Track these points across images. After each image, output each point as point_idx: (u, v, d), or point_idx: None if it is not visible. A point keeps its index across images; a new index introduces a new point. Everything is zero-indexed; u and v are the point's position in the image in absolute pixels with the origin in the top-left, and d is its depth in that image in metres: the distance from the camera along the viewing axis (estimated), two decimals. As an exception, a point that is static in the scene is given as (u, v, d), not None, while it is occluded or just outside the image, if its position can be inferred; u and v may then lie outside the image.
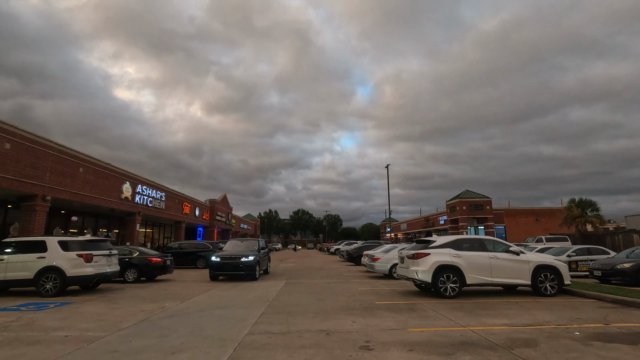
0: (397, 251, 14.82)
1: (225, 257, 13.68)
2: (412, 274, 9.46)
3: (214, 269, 13.63)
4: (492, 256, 9.46)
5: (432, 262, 9.24)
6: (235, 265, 13.43)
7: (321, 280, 13.95)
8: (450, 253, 9.41)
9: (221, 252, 14.33)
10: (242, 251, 14.35)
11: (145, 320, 6.72)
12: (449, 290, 9.15)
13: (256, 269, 13.65)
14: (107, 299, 9.52)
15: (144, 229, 32.79)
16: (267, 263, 16.60)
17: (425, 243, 9.92)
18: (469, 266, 9.28)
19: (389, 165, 38.57)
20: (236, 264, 13.45)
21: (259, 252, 14.63)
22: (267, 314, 7.32)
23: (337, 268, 20.86)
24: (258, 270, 13.97)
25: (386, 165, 38.42)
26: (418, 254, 9.49)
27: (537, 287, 9.40)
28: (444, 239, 9.89)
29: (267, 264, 16.59)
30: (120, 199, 23.00)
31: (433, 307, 7.92)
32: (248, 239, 16.51)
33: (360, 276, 15.78)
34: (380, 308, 7.83)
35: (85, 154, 19.75)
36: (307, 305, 8.28)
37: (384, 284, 12.74)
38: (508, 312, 7.26)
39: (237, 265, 13.43)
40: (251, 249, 14.66)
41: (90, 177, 19.94)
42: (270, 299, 9.26)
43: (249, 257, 13.61)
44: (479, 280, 9.26)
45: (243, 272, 13.37)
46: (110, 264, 11.05)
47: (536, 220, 52.46)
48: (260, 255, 14.49)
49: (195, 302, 8.83)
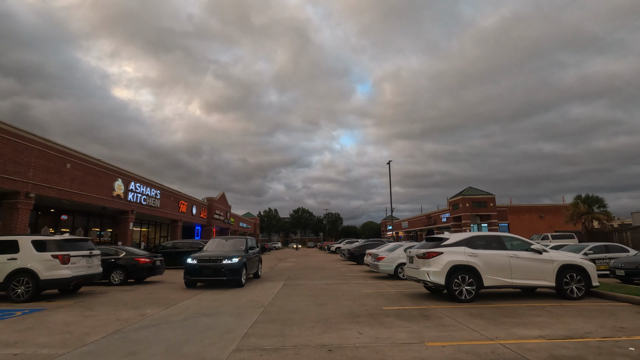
0: (402, 250, 13.90)
1: (203, 259, 11.23)
2: (423, 275, 8.51)
3: (190, 274, 11.22)
4: (512, 255, 8.51)
5: (445, 262, 8.30)
6: (216, 269, 11.02)
7: (321, 281, 13.01)
8: (466, 252, 8.47)
9: (199, 253, 11.88)
10: (225, 252, 11.99)
11: (117, 333, 5.77)
12: (464, 294, 8.20)
13: (242, 273, 11.31)
14: (84, 304, 8.57)
15: (139, 228, 31.87)
16: (257, 265, 14.25)
17: (437, 241, 8.96)
18: (486, 266, 8.33)
19: (391, 162, 37.60)
20: (217, 268, 11.03)
21: (247, 253, 12.28)
22: (260, 322, 6.38)
23: (338, 268, 19.93)
24: (245, 275, 11.63)
25: (388, 162, 37.51)
26: (429, 253, 8.54)
27: (562, 289, 8.45)
28: (458, 236, 8.93)
29: (257, 266, 14.25)
30: (111, 197, 22.03)
31: (449, 313, 6.97)
32: (234, 237, 13.82)
33: (363, 276, 14.84)
34: (389, 315, 6.88)
35: (73, 149, 18.78)
36: (306, 312, 7.34)
37: (390, 285, 11.80)
38: (537, 320, 6.31)
39: (217, 269, 11.02)
40: (237, 249, 12.33)
41: (78, 174, 18.97)
42: (265, 304, 8.31)
43: (232, 258, 11.20)
44: (497, 282, 8.31)
45: (225, 277, 10.99)
46: (91, 265, 10.10)
47: (540, 217, 51.57)
48: (248, 257, 12.17)
49: (181, 308, 7.89)
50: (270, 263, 24.92)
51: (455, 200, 49.49)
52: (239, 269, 11.19)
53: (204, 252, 12.26)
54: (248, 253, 12.41)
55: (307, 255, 40.34)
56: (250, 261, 12.52)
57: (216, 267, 11.06)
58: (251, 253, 12.96)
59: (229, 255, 11.33)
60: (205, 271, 11.12)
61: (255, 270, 13.78)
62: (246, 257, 11.94)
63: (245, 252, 12.21)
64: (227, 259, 11.14)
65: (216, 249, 12.54)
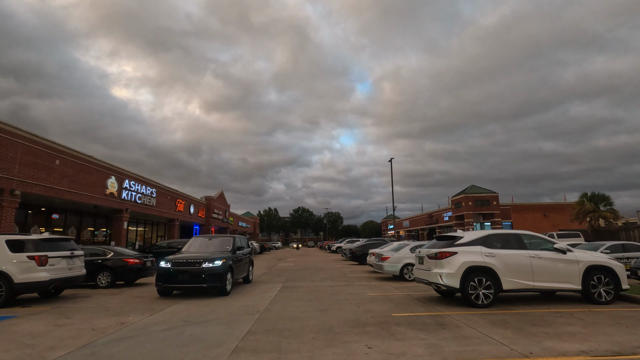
0: (408, 249, 13.13)
1: (179, 263, 9.39)
2: (435, 277, 7.71)
3: (162, 280, 9.34)
4: (534, 255, 7.71)
5: (460, 262, 7.50)
6: (194, 274, 9.16)
7: (323, 283, 12.22)
8: (482, 252, 7.67)
9: (175, 255, 10.14)
10: (208, 253, 10.28)
11: (87, 347, 4.98)
12: (481, 298, 7.41)
13: (226, 278, 9.50)
14: (61, 310, 7.77)
15: (135, 228, 31.08)
16: (248, 268, 12.29)
17: (450, 240, 8.16)
18: (505, 268, 7.53)
19: (392, 159, 36.78)
20: (195, 272, 9.18)
21: (234, 254, 10.57)
22: (253, 333, 5.58)
23: (340, 268, 19.14)
24: (230, 280, 9.84)
25: (389, 159, 36.72)
26: (442, 253, 7.74)
27: (589, 292, 7.65)
28: (473, 234, 8.13)
29: (248, 269, 12.29)
30: (104, 195, 21.24)
31: (467, 321, 6.18)
32: (220, 236, 11.92)
33: (367, 277, 14.05)
34: (400, 323, 6.08)
35: (62, 145, 17.98)
36: (306, 319, 6.55)
37: (396, 287, 11.01)
38: (572, 330, 5.51)
39: (196, 273, 9.16)
40: (222, 250, 10.63)
41: (68, 171, 18.18)
42: (260, 310, 7.51)
43: (215, 261, 9.36)
44: (518, 285, 7.51)
45: (205, 283, 9.12)
46: (73, 266, 9.31)
47: (544, 216, 50.81)
48: (235, 259, 10.49)
49: (167, 315, 7.09)
50: (269, 263, 24.13)
51: (458, 198, 48.68)
52: (222, 273, 9.36)
53: (182, 253, 10.55)
54: (235, 254, 10.72)
55: (307, 254, 39.56)
56: (238, 264, 10.81)
57: (194, 272, 9.20)
58: (240, 254, 11.20)
59: (210, 257, 9.50)
60: (181, 277, 9.24)
61: (245, 274, 11.91)
62: (232, 259, 10.24)
63: (231, 252, 10.54)
64: (207, 262, 9.30)
65: (198, 250, 10.90)
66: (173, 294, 10.01)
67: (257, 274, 16.05)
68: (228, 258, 9.92)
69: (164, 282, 9.36)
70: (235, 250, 10.92)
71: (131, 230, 29.81)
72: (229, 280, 9.71)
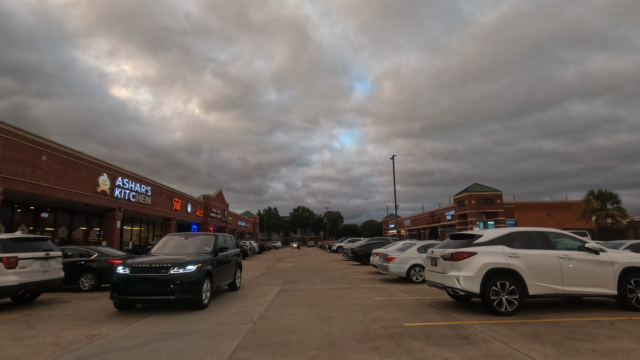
0: (415, 249, 12.26)
1: (140, 268, 7.31)
2: (451, 281, 6.83)
3: (119, 291, 7.17)
4: (563, 256, 6.82)
5: (480, 264, 6.62)
6: (160, 283, 7.09)
7: (324, 286, 11.34)
8: (505, 252, 6.79)
9: (138, 259, 7.99)
10: (180, 255, 8.18)
11: (38, 369, 4.10)
12: (504, 304, 6.53)
13: (202, 287, 7.44)
14: (29, 319, 6.88)
15: (130, 227, 30.23)
16: (234, 273, 10.25)
17: (467, 239, 7.27)
18: (531, 270, 6.65)
19: (395, 156, 35.90)
20: (161, 281, 7.10)
21: (214, 256, 8.65)
22: (243, 349, 4.70)
23: (342, 269, 18.26)
24: (208, 290, 7.90)
25: (392, 157, 35.81)
26: (459, 254, 6.85)
27: (626, 298, 6.77)
28: (493, 232, 7.24)
29: (234, 274, 10.26)
30: (95, 193, 20.36)
31: (494, 333, 5.30)
32: (199, 234, 9.97)
33: (371, 279, 13.17)
34: (416, 336, 5.20)
35: (49, 140, 17.08)
36: (306, 330, 5.67)
37: (403, 290, 10.14)
38: (623, 347, 4.62)
39: (161, 282, 7.09)
40: (200, 251, 8.67)
41: (56, 167, 17.30)
42: (254, 318, 6.63)
43: (187, 266, 7.35)
44: (545, 290, 6.63)
45: (173, 295, 7.04)
46: (48, 269, 8.43)
47: (548, 214, 49.92)
48: (215, 262, 8.54)
49: (147, 325, 6.21)
50: (268, 263, 23.26)
51: (461, 197, 47.79)
52: (196, 281, 7.32)
53: (148, 256, 8.42)
54: (217, 256, 8.79)
55: (308, 254, 38.70)
56: (220, 268, 8.86)
57: (160, 280, 7.12)
58: (222, 257, 9.18)
59: (181, 261, 7.47)
60: (142, 286, 7.12)
61: (229, 280, 9.95)
62: (212, 262, 8.32)
63: (212, 254, 8.63)
64: (177, 267, 7.26)
65: (170, 251, 8.86)
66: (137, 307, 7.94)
67: (253, 275, 15.18)
68: (205, 261, 7.99)
69: (121, 294, 7.17)
70: (217, 251, 8.97)
71: (127, 230, 28.97)
72: (206, 290, 7.74)
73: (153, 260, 7.61)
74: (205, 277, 7.69)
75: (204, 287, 7.60)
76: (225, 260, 9.44)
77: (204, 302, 7.63)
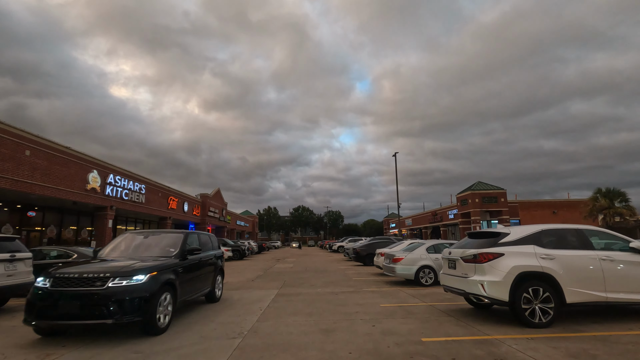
0: (424, 249, 11.31)
1: (65, 280, 5.17)
2: (474, 286, 5.86)
3: (36, 314, 5.03)
4: (605, 257, 5.86)
5: (508, 267, 5.65)
6: (91, 302, 4.99)
7: (325, 289, 10.38)
8: (536, 253, 5.82)
9: (65, 269, 5.48)
10: (131, 260, 5.99)
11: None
12: (537, 315, 5.56)
13: (156, 305, 5.38)
14: (-17, 332, 5.92)
15: (125, 226, 29.28)
16: (213, 281, 8.16)
17: (491, 237, 6.30)
18: (568, 274, 5.69)
19: (397, 153, 34.94)
20: (93, 298, 5.00)
21: (181, 261, 6.55)
22: (225, 376, 3.74)
23: (343, 270, 17.30)
24: (167, 307, 5.77)
25: (394, 154, 34.88)
26: (484, 255, 5.89)
27: (679, 306, 5.82)
28: (521, 230, 6.27)
29: (213, 282, 8.16)
30: (85, 190, 19.39)
31: (533, 352, 4.34)
32: (163, 232, 7.67)
33: (375, 281, 12.20)
34: (440, 357, 4.24)
35: (34, 134, 16.13)
36: (305, 347, 4.71)
37: (412, 294, 9.18)
38: None
39: (94, 300, 4.99)
40: (161, 254, 6.54)
41: (42, 163, 16.34)
42: (244, 330, 5.67)
43: (133, 276, 5.31)
44: (585, 298, 5.66)
45: (110, 318, 4.94)
46: (14, 272, 7.47)
47: (553, 213, 48.97)
48: (181, 268, 6.46)
49: (117, 339, 5.24)
50: (266, 264, 22.29)
51: (464, 195, 46.81)
52: (146, 297, 5.22)
53: (89, 262, 5.98)
54: (185, 261, 6.67)
55: (308, 254, 37.74)
56: (189, 276, 6.72)
57: (92, 297, 4.99)
58: (193, 261, 7.03)
59: (124, 270, 5.36)
60: (66, 306, 4.96)
61: (207, 289, 7.85)
62: (175, 269, 6.19)
63: (177, 258, 6.46)
64: (119, 278, 5.19)
65: (121, 255, 6.59)
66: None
67: (250, 277, 14.22)
68: (165, 268, 5.86)
69: (38, 317, 4.99)
70: (185, 253, 6.76)
71: (120, 229, 28.01)
72: (165, 307, 5.64)
73: (85, 270, 5.32)
74: (162, 289, 5.56)
75: (159, 304, 5.43)
76: (197, 264, 7.29)
77: (161, 324, 5.50)
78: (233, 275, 14.82)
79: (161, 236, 7.38)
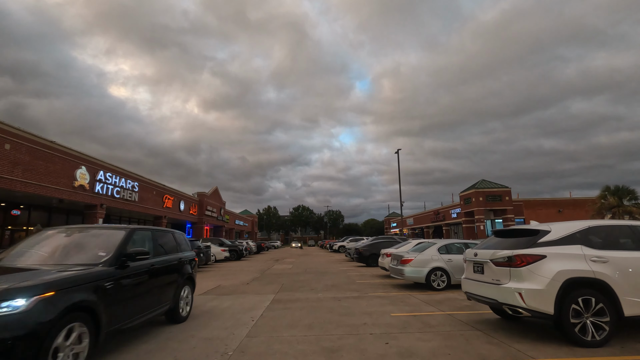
0: (435, 249, 10.31)
1: None
2: (511, 296, 4.81)
3: None
4: (669, 260, 4.82)
5: (553, 272, 4.61)
6: None
7: (327, 294, 9.35)
8: (586, 255, 4.78)
9: None
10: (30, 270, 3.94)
11: None
12: (590, 331, 4.53)
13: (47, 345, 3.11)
14: None
15: (118, 226, 28.21)
16: (175, 295, 6.00)
17: (528, 236, 5.25)
18: (625, 281, 4.65)
19: (400, 150, 33.91)
20: None
21: (117, 270, 4.38)
22: None
23: (346, 271, 16.26)
24: (73, 345, 3.44)
25: (396, 151, 33.85)
26: (521, 257, 4.84)
27: None
28: (564, 226, 5.22)
29: (175, 297, 6.00)
30: (72, 188, 18.36)
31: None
32: (94, 228, 5.53)
33: (381, 285, 11.16)
34: (482, 394, 3.19)
35: (15, 127, 15.10)
36: (302, 376, 3.68)
37: (426, 300, 8.14)
38: None
39: None
40: (86, 260, 4.39)
41: (24, 158, 15.32)
42: (229, 350, 4.63)
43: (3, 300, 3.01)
44: (647, 309, 4.63)
45: None
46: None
47: (559, 212, 47.96)
48: (116, 281, 4.27)
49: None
50: (264, 265, 21.26)
51: (468, 194, 45.75)
52: (23, 336, 2.97)
53: None
54: (124, 269, 4.52)
55: (308, 254, 36.71)
56: (127, 293, 4.56)
57: None
58: (138, 269, 4.89)
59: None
60: None
61: (166, 306, 5.73)
62: (100, 284, 4.00)
63: (108, 265, 4.31)
64: None
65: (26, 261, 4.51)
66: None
67: (245, 280, 13.18)
68: (72, 285, 3.61)
69: None
70: (124, 259, 4.58)
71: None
72: (70, 345, 3.42)
73: None
74: (66, 319, 3.40)
75: (57, 343, 3.26)
76: (148, 273, 5.16)
77: None
78: (227, 278, 13.79)
79: (91, 234, 5.26)
